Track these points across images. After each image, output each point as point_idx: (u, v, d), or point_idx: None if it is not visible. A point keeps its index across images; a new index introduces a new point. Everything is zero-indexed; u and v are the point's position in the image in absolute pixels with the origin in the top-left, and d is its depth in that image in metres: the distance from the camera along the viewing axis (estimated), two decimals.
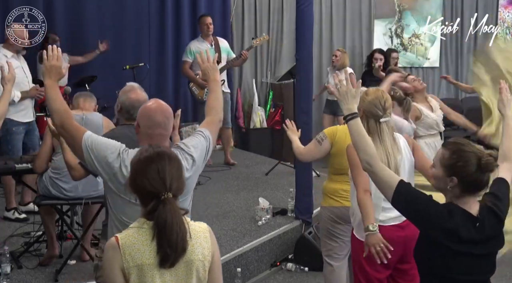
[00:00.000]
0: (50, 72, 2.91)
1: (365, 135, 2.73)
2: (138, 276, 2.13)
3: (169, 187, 2.14)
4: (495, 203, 2.55)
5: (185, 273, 2.19)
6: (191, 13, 8.65)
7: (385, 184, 2.60)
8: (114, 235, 2.79)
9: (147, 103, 2.91)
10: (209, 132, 2.97)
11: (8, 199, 5.66)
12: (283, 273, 5.32)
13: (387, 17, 10.75)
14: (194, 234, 2.21)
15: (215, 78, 3.19)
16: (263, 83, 9.62)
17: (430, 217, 2.49)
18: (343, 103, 2.82)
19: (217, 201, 6.24)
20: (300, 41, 5.59)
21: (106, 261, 2.17)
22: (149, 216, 2.14)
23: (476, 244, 2.48)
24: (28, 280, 4.41)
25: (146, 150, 2.24)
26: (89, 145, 2.78)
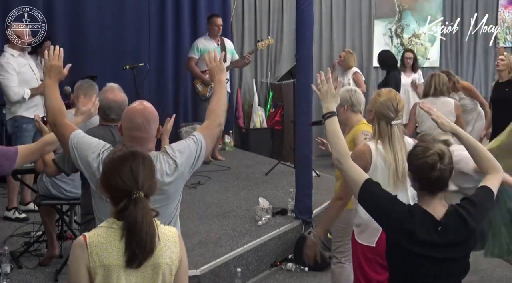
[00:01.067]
0: (50, 71, 2.97)
1: (340, 134, 2.80)
2: (104, 277, 2.11)
3: (141, 186, 2.13)
4: (466, 208, 2.53)
5: (151, 276, 2.16)
6: (191, 13, 8.65)
7: (352, 182, 2.66)
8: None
9: (132, 105, 2.87)
10: (202, 137, 2.90)
11: (10, 198, 5.68)
12: (283, 273, 5.32)
13: (387, 17, 10.75)
14: (163, 238, 2.19)
15: (220, 78, 3.14)
16: (263, 83, 9.62)
17: (391, 216, 2.53)
18: (323, 101, 2.90)
19: (217, 201, 6.24)
20: (300, 41, 5.59)
21: (73, 259, 2.14)
22: (120, 215, 2.12)
23: (437, 248, 2.47)
24: (28, 280, 4.41)
25: (120, 149, 2.23)
26: (74, 143, 2.79)
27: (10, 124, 5.70)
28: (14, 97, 5.54)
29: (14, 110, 5.63)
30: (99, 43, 7.82)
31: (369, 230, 3.35)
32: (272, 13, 9.58)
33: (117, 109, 3.49)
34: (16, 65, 5.55)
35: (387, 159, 3.29)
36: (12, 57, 5.56)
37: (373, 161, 3.33)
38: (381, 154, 3.30)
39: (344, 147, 2.75)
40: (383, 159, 3.29)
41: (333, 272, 4.27)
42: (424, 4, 10.96)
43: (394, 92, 3.45)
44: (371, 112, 3.39)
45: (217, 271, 4.72)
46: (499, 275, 5.19)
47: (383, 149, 3.30)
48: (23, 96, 5.54)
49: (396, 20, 10.85)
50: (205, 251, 4.89)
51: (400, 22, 10.86)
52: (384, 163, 3.29)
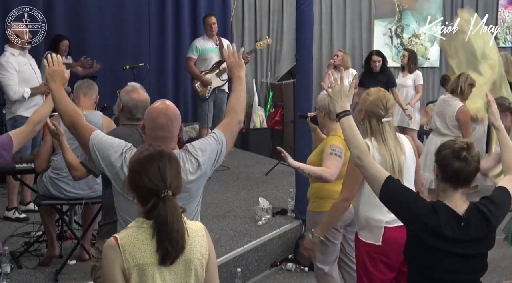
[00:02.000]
0: (54, 76, 2.99)
1: (357, 132, 2.80)
2: (139, 276, 2.13)
3: (169, 185, 2.15)
4: (487, 206, 2.56)
5: (184, 271, 2.19)
6: (191, 13, 8.65)
7: (374, 179, 2.67)
8: None
9: (153, 104, 2.87)
10: (223, 135, 2.91)
11: (10, 198, 5.67)
12: (283, 273, 5.32)
13: (387, 17, 10.76)
14: (192, 233, 2.22)
15: (240, 75, 3.10)
16: (263, 83, 9.62)
17: (414, 213, 2.54)
18: (337, 101, 2.90)
19: (217, 201, 6.24)
20: (300, 41, 5.59)
21: (106, 261, 2.16)
22: (148, 214, 2.14)
23: (460, 243, 2.49)
24: (28, 280, 4.41)
25: (147, 149, 2.24)
26: (96, 144, 2.78)
27: (10, 124, 5.66)
28: (14, 96, 5.52)
29: (14, 109, 5.61)
30: (99, 43, 7.82)
31: (371, 228, 3.35)
32: (272, 13, 9.58)
33: (142, 108, 3.46)
34: (16, 64, 5.54)
35: (382, 155, 3.30)
36: (13, 56, 5.55)
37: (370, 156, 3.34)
38: (377, 149, 3.32)
39: (363, 145, 2.77)
40: (379, 154, 3.31)
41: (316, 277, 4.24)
42: (424, 4, 10.96)
43: (383, 90, 3.47)
44: (361, 111, 3.42)
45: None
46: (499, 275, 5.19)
47: (378, 145, 3.32)
48: (23, 95, 5.52)
49: (396, 20, 10.86)
50: None
51: (400, 22, 10.87)
52: (381, 159, 3.31)
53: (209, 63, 7.39)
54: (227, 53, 3.13)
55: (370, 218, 3.34)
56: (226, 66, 3.18)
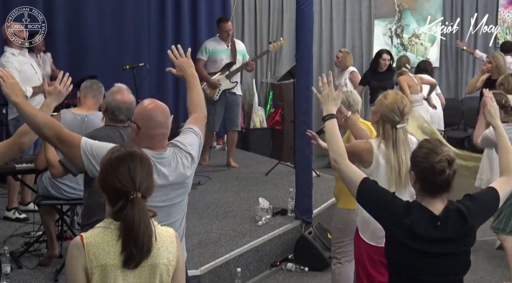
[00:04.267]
0: (13, 90, 2.90)
1: (338, 136, 2.85)
2: (101, 277, 2.11)
3: (138, 187, 2.13)
4: (465, 204, 2.54)
5: (149, 276, 2.16)
6: (191, 13, 8.64)
7: (350, 181, 2.70)
8: None
9: (144, 104, 2.88)
10: (199, 129, 3.00)
11: (11, 199, 5.67)
12: (283, 273, 5.32)
13: (387, 17, 10.75)
14: (161, 238, 2.19)
15: (192, 72, 3.18)
16: (263, 83, 9.62)
17: (389, 213, 2.55)
18: (324, 104, 2.95)
19: (217, 201, 6.23)
20: (300, 41, 5.59)
21: (70, 259, 2.14)
22: (117, 215, 2.12)
23: (436, 243, 2.48)
24: (28, 280, 4.41)
25: (118, 149, 2.22)
26: (89, 151, 2.76)
27: (12, 124, 5.64)
28: None
29: None
30: (99, 43, 7.81)
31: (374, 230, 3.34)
32: (272, 13, 9.58)
33: (126, 110, 3.51)
34: (17, 63, 5.52)
35: (390, 160, 3.29)
36: (13, 56, 5.54)
37: (374, 159, 3.33)
38: (383, 152, 3.30)
39: (341, 147, 2.79)
40: (385, 158, 3.29)
41: (333, 272, 4.28)
42: (424, 4, 10.96)
43: (401, 95, 3.43)
44: (377, 114, 3.39)
45: (217, 271, 4.72)
46: (499, 275, 5.19)
47: (386, 149, 3.30)
48: (25, 94, 5.50)
49: (396, 20, 10.85)
50: (205, 251, 4.89)
51: (400, 22, 10.86)
52: (386, 163, 3.29)
53: (219, 64, 7.36)
54: (175, 54, 3.19)
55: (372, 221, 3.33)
56: (177, 67, 3.21)
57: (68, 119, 4.29)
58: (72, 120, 4.28)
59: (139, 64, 7.22)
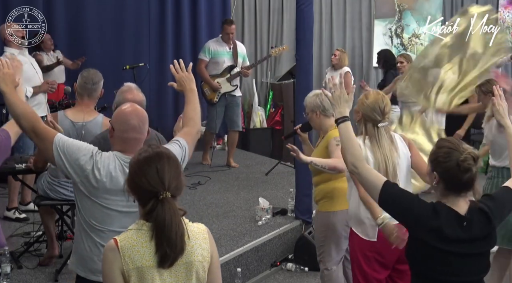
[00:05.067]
0: (5, 79, 2.92)
1: (354, 138, 2.79)
2: (138, 278, 2.12)
3: (167, 187, 2.14)
4: (487, 204, 2.55)
5: (185, 274, 2.18)
6: (191, 13, 8.65)
7: (371, 185, 2.64)
8: (81, 238, 2.78)
9: (122, 107, 2.86)
10: (185, 142, 2.95)
11: (11, 198, 5.66)
12: (283, 273, 5.32)
13: (387, 17, 10.76)
14: (193, 235, 2.21)
15: (192, 87, 3.17)
16: (263, 83, 9.62)
17: (416, 216, 2.52)
18: (336, 106, 2.90)
19: (217, 201, 6.24)
20: (300, 41, 5.59)
21: (106, 263, 2.15)
22: (148, 216, 2.14)
23: (463, 243, 2.48)
24: (28, 280, 4.41)
25: (145, 150, 2.24)
26: (60, 147, 2.75)
27: None
28: None
29: None
30: (99, 43, 7.82)
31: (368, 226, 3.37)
32: (272, 13, 9.58)
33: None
34: None
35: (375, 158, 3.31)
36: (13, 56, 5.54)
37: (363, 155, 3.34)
38: (369, 148, 3.33)
39: (359, 151, 2.75)
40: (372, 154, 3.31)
41: (321, 277, 4.28)
42: (424, 4, 10.96)
43: (382, 94, 3.47)
44: (358, 113, 3.42)
45: None
46: None
47: (371, 146, 3.33)
48: (26, 94, 5.48)
49: (396, 20, 10.85)
50: None
51: (400, 22, 10.87)
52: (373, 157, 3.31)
53: (221, 66, 7.34)
54: (176, 68, 3.17)
55: (365, 217, 3.35)
56: (177, 81, 3.20)
57: (66, 127, 4.13)
58: (69, 129, 4.17)
59: (139, 64, 7.23)
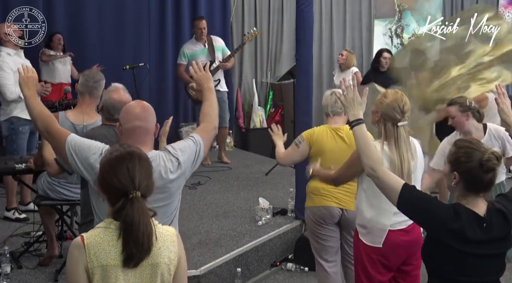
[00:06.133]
0: (28, 83, 3.06)
1: (370, 141, 2.76)
2: (102, 277, 2.11)
3: (138, 186, 2.13)
4: (504, 204, 2.54)
5: (150, 275, 2.17)
6: (191, 13, 8.64)
7: (390, 188, 2.61)
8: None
9: (127, 104, 2.95)
10: (200, 138, 2.97)
11: (9, 199, 5.65)
12: (283, 273, 5.32)
13: (387, 17, 10.76)
14: (161, 237, 2.20)
15: (209, 86, 3.21)
16: (263, 83, 9.62)
17: (436, 218, 2.49)
18: (349, 109, 2.87)
19: (217, 201, 6.24)
20: (300, 41, 5.59)
21: (71, 260, 2.14)
22: (117, 215, 2.13)
23: (483, 245, 2.47)
24: (28, 280, 4.41)
25: (117, 149, 2.23)
26: (72, 147, 2.80)
27: (5, 126, 5.60)
28: (10, 96, 5.45)
29: (10, 110, 5.54)
30: (99, 43, 7.81)
31: (374, 231, 3.33)
32: (272, 13, 9.58)
33: (121, 109, 3.48)
34: (12, 64, 5.48)
35: (392, 160, 3.27)
36: (9, 56, 5.53)
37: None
38: (387, 154, 3.28)
39: (375, 154, 2.72)
40: (389, 160, 3.28)
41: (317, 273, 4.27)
42: (424, 4, 10.97)
43: (400, 93, 3.40)
44: (377, 113, 3.36)
45: (217, 271, 4.72)
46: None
47: (389, 150, 3.28)
48: (20, 95, 5.48)
49: (396, 20, 10.86)
50: (205, 251, 4.89)
51: (400, 22, 10.87)
52: (389, 164, 3.28)
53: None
54: (194, 69, 3.23)
55: (375, 221, 3.31)
56: (196, 80, 3.25)
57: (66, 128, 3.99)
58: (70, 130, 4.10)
59: (139, 64, 7.23)
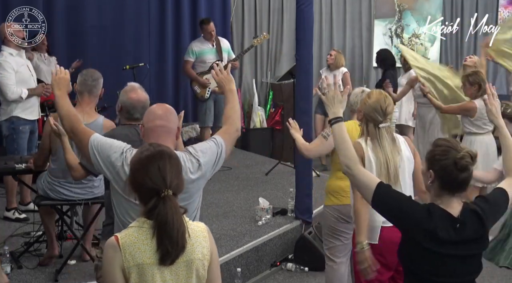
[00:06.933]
0: (59, 84, 3.17)
1: (347, 139, 2.76)
2: (139, 276, 2.14)
3: (169, 184, 2.16)
4: (480, 206, 2.54)
5: (185, 272, 2.20)
6: (191, 13, 8.65)
7: (364, 187, 2.63)
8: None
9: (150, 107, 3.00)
10: (222, 140, 3.01)
11: (9, 199, 5.65)
12: (283, 273, 5.32)
13: (387, 17, 10.76)
14: (193, 234, 2.23)
15: (231, 88, 3.22)
16: (263, 83, 9.62)
17: (409, 217, 2.50)
18: (329, 107, 2.88)
19: (217, 201, 6.24)
20: (300, 41, 5.59)
21: (106, 260, 2.17)
22: (149, 214, 2.15)
23: (456, 245, 2.47)
24: (28, 280, 4.41)
25: (147, 149, 2.26)
26: (95, 146, 2.85)
27: (5, 125, 5.59)
28: (11, 96, 5.45)
29: (10, 110, 5.53)
30: (99, 43, 7.81)
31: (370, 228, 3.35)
32: (272, 13, 9.58)
33: (141, 108, 3.52)
34: (14, 64, 5.49)
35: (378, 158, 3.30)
36: (11, 56, 5.52)
37: (366, 156, 3.34)
38: (371, 148, 3.33)
39: (352, 152, 2.72)
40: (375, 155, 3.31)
41: (326, 271, 4.29)
42: (424, 4, 10.96)
43: (385, 94, 3.44)
44: (360, 113, 3.42)
45: None
46: (499, 275, 5.19)
47: (373, 147, 3.32)
48: (21, 95, 5.47)
49: (396, 20, 10.86)
50: None
51: (400, 22, 10.87)
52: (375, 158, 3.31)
53: (207, 64, 7.40)
54: (216, 71, 3.24)
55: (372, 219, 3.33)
56: (218, 82, 3.26)
57: None
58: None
59: (139, 64, 7.23)
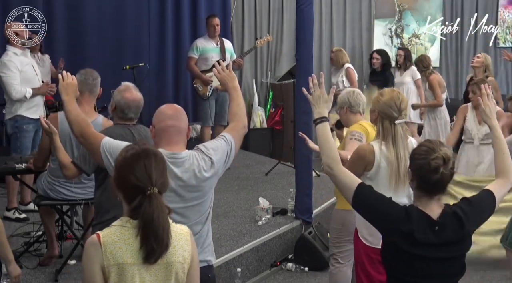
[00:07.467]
0: (67, 89, 3.20)
1: (330, 140, 2.76)
2: (118, 275, 2.12)
3: (155, 183, 2.15)
4: (462, 208, 2.52)
5: (164, 274, 2.18)
6: (191, 13, 8.65)
7: (346, 188, 2.63)
8: None
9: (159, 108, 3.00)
10: (231, 137, 3.01)
11: (10, 199, 5.66)
12: (283, 273, 5.32)
13: (387, 17, 10.76)
14: (176, 236, 2.21)
15: (234, 85, 3.22)
16: (263, 83, 9.62)
17: (387, 219, 2.50)
18: (315, 106, 2.88)
19: (217, 201, 6.18)
20: (300, 41, 5.59)
21: (86, 258, 2.16)
22: (134, 212, 2.14)
23: (434, 248, 2.46)
24: (28, 280, 4.41)
25: (132, 147, 2.25)
26: (107, 149, 2.86)
27: (10, 124, 5.63)
28: (16, 95, 5.47)
29: (15, 109, 5.56)
30: (99, 43, 7.81)
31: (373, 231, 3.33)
32: (272, 13, 9.58)
33: (135, 108, 3.54)
34: (18, 63, 5.51)
35: (389, 158, 3.28)
36: (15, 56, 5.53)
37: (376, 161, 3.32)
38: (384, 154, 3.30)
39: (335, 153, 2.71)
40: (386, 159, 3.29)
41: (331, 272, 4.27)
42: (424, 4, 10.97)
43: (397, 91, 3.44)
44: (374, 112, 3.39)
45: (217, 271, 4.71)
46: (499, 275, 5.19)
47: (386, 149, 3.30)
48: (25, 94, 5.49)
49: (396, 20, 10.86)
50: None
51: (400, 22, 10.87)
52: (387, 164, 3.29)
53: (210, 62, 7.41)
54: (218, 70, 3.23)
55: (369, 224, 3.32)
56: (220, 80, 3.26)
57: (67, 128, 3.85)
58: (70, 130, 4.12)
59: (139, 64, 7.23)
